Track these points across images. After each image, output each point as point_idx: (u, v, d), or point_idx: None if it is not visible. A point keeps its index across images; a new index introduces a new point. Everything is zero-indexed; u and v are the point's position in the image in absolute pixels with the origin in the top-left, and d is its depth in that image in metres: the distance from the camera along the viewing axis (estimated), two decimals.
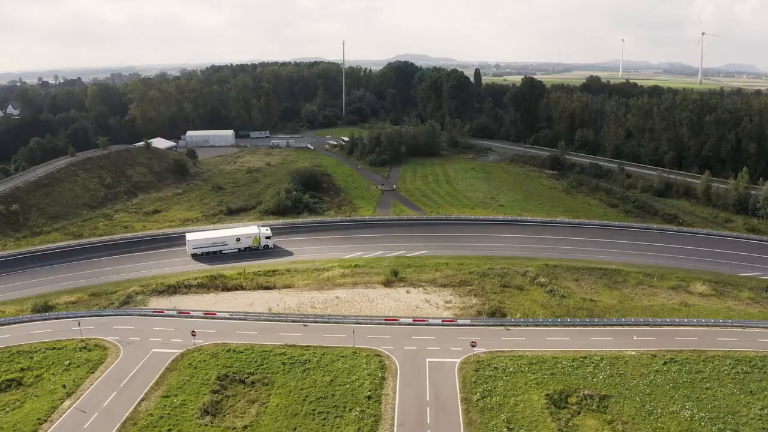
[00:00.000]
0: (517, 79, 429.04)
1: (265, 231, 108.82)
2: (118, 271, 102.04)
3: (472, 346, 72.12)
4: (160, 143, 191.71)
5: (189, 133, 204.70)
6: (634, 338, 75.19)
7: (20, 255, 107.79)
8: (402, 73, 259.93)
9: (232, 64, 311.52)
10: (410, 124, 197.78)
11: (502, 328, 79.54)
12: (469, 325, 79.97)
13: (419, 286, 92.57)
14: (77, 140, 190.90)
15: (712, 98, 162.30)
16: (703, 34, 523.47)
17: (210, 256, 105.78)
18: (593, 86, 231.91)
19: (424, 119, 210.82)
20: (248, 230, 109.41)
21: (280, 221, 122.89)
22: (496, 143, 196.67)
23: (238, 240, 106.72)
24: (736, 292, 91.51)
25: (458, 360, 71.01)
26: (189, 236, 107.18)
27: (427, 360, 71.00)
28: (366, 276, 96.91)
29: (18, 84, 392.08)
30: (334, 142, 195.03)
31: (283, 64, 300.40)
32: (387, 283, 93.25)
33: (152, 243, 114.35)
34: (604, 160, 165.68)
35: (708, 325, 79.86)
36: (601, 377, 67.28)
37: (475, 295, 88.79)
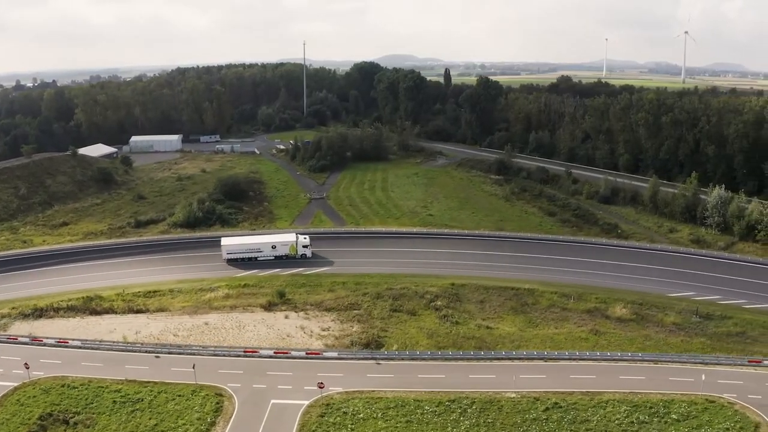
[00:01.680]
0: (500, 79, 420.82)
1: (303, 239, 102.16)
2: None
3: (320, 387, 62.54)
4: (100, 149, 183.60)
5: (133, 138, 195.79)
6: (519, 376, 64.91)
7: None
8: (366, 74, 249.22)
9: (198, 66, 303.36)
10: (367, 126, 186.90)
11: (373, 362, 69.82)
12: (336, 359, 70.67)
13: (302, 310, 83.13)
14: (17, 147, 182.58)
15: (669, 98, 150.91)
16: (686, 32, 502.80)
17: (245, 262, 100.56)
18: (561, 86, 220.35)
19: (380, 121, 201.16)
20: (285, 238, 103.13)
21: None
22: (451, 146, 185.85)
23: (273, 247, 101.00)
24: (661, 316, 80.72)
25: (306, 402, 61.80)
26: (224, 241, 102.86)
27: (272, 401, 62.15)
28: (251, 298, 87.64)
29: None
30: (282, 147, 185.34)
31: (250, 65, 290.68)
32: (268, 307, 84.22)
33: (43, 260, 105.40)
34: (558, 164, 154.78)
35: (613, 360, 69.45)
36: (463, 427, 57.33)
37: (359, 321, 79.08)
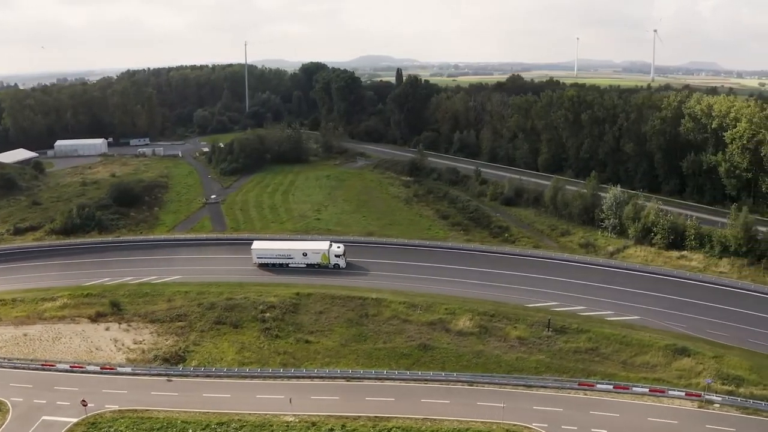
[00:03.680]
0: (473, 79, 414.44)
1: (336, 248, 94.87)
2: None
3: (83, 405, 58.25)
4: (21, 154, 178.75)
5: (58, 142, 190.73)
6: (310, 397, 59.37)
7: None
8: (311, 74, 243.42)
9: (149, 68, 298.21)
10: (285, 128, 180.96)
11: (164, 378, 64.59)
12: (129, 374, 66.06)
13: (127, 321, 78.21)
14: None
15: (588, 95, 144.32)
16: (654, 31, 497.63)
17: (276, 267, 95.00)
18: (508, 85, 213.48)
19: (317, 122, 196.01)
20: (317, 245, 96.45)
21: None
22: (380, 147, 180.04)
23: (304, 255, 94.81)
24: (509, 329, 74.14)
25: (74, 420, 57.80)
26: (254, 245, 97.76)
27: (43, 418, 58.77)
28: (87, 308, 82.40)
29: None
30: (206, 150, 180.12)
31: (200, 66, 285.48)
32: (95, 318, 79.46)
33: None
34: (478, 164, 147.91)
35: (424, 380, 63.50)
36: None
37: (177, 334, 73.98)
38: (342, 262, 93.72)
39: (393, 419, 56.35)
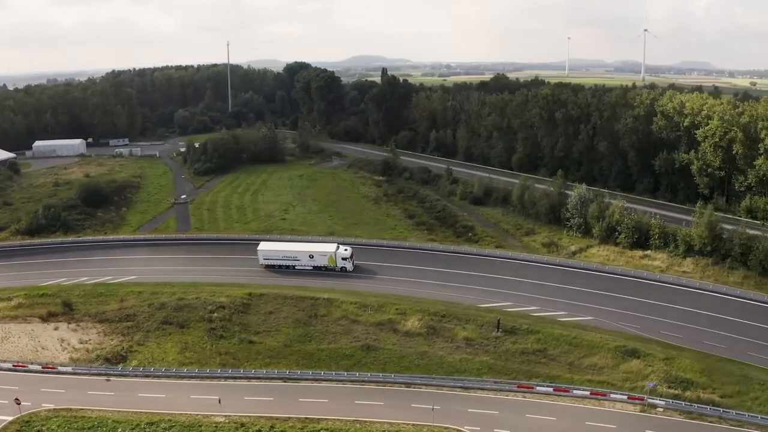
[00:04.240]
0: (462, 79, 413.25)
1: (343, 251, 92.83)
2: None
3: (17, 403, 58.11)
4: None
5: (36, 143, 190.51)
6: (244, 398, 58.84)
7: None
8: (295, 74, 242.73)
9: (134, 68, 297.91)
10: (261, 127, 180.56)
11: (103, 378, 64.39)
12: (70, 374, 65.98)
13: (77, 321, 77.81)
14: None
15: (563, 93, 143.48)
16: (645, 30, 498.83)
17: (283, 269, 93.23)
18: (492, 85, 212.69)
19: (296, 122, 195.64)
20: (323, 248, 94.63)
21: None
22: (360, 147, 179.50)
23: (311, 257, 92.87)
24: (457, 329, 73.13)
25: (10, 418, 57.58)
26: (261, 246, 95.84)
27: None
28: (40, 308, 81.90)
29: None
30: (185, 150, 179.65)
31: (184, 67, 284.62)
32: (46, 317, 79.06)
33: None
34: (451, 163, 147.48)
35: (361, 382, 62.79)
36: None
37: (123, 334, 73.65)
38: (349, 265, 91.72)
39: (323, 421, 55.74)
